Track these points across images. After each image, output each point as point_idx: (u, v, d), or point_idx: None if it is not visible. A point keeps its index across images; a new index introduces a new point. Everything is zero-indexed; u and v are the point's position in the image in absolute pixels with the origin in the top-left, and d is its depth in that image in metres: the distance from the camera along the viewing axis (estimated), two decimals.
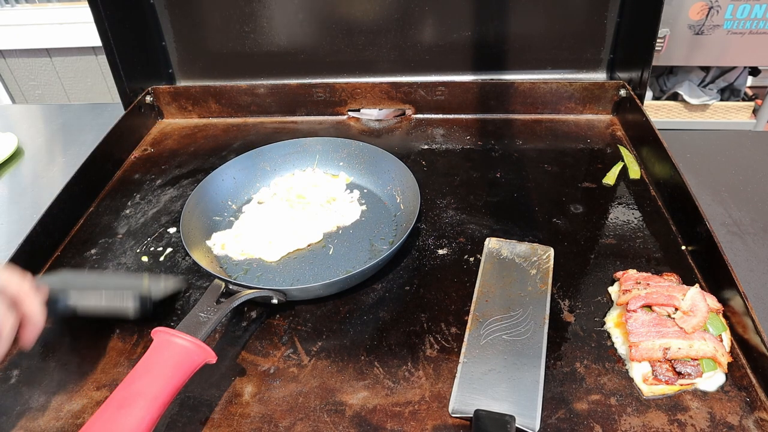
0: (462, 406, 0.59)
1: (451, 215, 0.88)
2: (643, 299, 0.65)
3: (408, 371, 0.64)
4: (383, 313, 0.72)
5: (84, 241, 0.87)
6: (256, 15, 1.13)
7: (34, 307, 0.58)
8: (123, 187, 0.99)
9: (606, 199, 0.90)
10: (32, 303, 0.58)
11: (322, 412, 0.60)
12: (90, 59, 2.36)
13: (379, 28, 1.14)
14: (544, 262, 0.76)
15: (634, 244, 0.80)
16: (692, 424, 0.57)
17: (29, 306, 0.58)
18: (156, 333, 0.58)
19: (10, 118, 1.31)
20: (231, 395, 0.62)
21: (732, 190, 0.93)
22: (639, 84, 1.06)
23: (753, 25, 1.80)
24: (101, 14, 1.04)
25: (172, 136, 1.14)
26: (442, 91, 1.13)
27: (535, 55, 1.16)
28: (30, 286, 0.59)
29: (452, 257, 0.80)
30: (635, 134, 1.03)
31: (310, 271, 0.78)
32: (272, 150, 0.96)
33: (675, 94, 2.12)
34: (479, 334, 0.66)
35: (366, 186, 0.94)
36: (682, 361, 0.60)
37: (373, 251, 0.81)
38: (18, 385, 0.65)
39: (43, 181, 1.07)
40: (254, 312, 0.73)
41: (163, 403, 0.53)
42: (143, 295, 0.68)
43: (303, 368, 0.65)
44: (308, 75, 1.20)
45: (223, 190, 0.90)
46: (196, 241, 0.80)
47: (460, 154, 1.03)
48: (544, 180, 0.95)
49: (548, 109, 1.13)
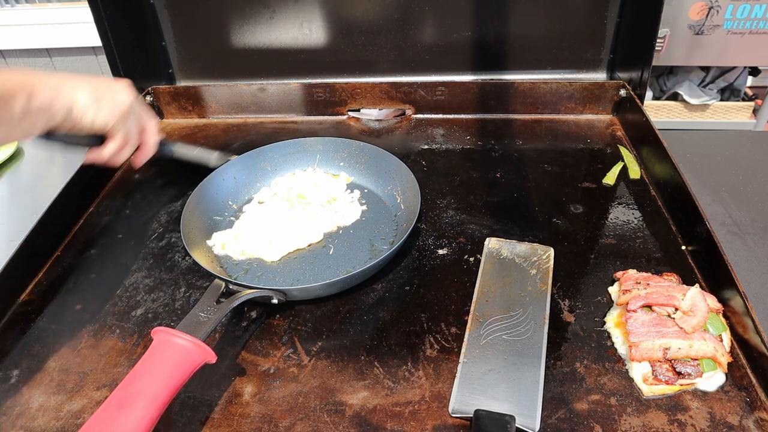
0: (462, 406, 0.59)
1: (451, 215, 0.88)
2: (643, 299, 0.65)
3: (408, 371, 0.64)
4: (383, 313, 0.72)
5: (84, 241, 0.87)
6: (256, 15, 1.13)
7: (153, 137, 0.81)
8: (123, 187, 0.99)
9: (606, 199, 0.90)
10: (153, 134, 0.81)
11: (322, 412, 0.60)
12: (90, 59, 2.36)
13: (379, 28, 1.14)
14: (544, 262, 0.76)
15: (634, 244, 0.80)
16: (692, 424, 0.57)
17: (150, 135, 0.80)
18: (156, 333, 0.58)
19: None
20: (231, 395, 0.62)
21: (732, 190, 0.93)
22: (639, 84, 1.06)
23: (753, 25, 1.80)
24: (101, 14, 1.04)
25: (172, 136, 1.14)
26: (442, 91, 1.13)
27: (535, 55, 1.16)
28: (156, 123, 0.81)
29: (452, 257, 0.80)
30: (635, 134, 1.03)
31: (311, 271, 0.78)
32: (273, 150, 0.96)
33: (675, 94, 2.12)
34: (479, 334, 0.66)
35: (366, 186, 0.94)
36: (682, 361, 0.60)
37: (373, 251, 0.81)
38: (18, 385, 0.65)
39: (43, 181, 1.07)
40: (254, 312, 0.73)
41: (163, 403, 0.53)
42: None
43: (303, 368, 0.65)
44: (308, 75, 1.20)
45: (223, 190, 0.90)
46: (196, 241, 0.80)
47: (460, 154, 1.03)
48: (544, 180, 0.95)
49: (548, 109, 1.13)
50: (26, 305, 0.76)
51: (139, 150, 0.82)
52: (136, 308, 0.74)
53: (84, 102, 0.67)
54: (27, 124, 0.61)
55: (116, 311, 0.74)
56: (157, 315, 0.73)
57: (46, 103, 0.62)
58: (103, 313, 0.74)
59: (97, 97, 0.68)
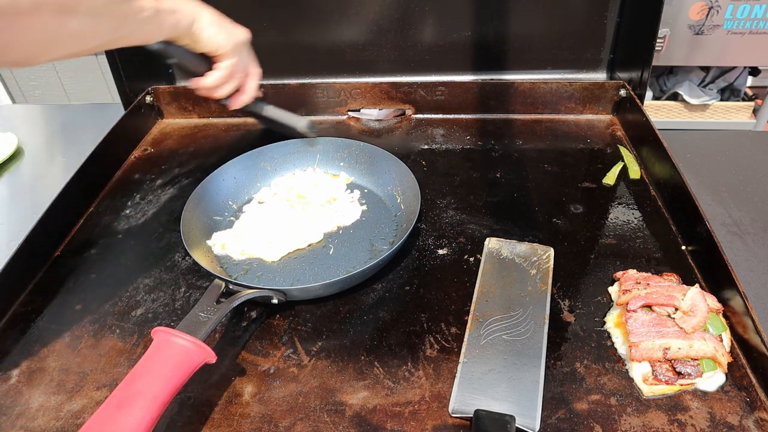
0: (462, 406, 0.59)
1: (451, 215, 0.88)
2: (643, 299, 0.65)
3: (408, 371, 0.64)
4: (383, 313, 0.72)
5: (84, 241, 0.87)
6: (256, 15, 1.13)
7: (254, 83, 0.85)
8: (123, 187, 0.99)
9: (606, 199, 0.90)
10: (255, 81, 0.85)
11: (322, 412, 0.60)
12: (90, 59, 2.36)
13: (379, 28, 1.14)
14: (544, 262, 0.76)
15: (634, 244, 0.80)
16: (692, 424, 0.57)
17: (252, 81, 0.85)
18: (156, 333, 0.58)
19: (10, 118, 1.31)
20: (231, 395, 0.62)
21: (732, 190, 0.93)
22: (639, 84, 1.06)
23: (753, 25, 1.80)
24: None
25: (172, 136, 1.15)
26: (442, 91, 1.13)
27: (535, 55, 1.16)
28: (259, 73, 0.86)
29: (452, 257, 0.80)
30: (635, 134, 1.03)
31: (311, 271, 0.78)
32: (272, 150, 0.96)
33: (675, 94, 2.12)
34: (479, 334, 0.66)
35: (366, 186, 0.94)
36: (682, 361, 0.60)
37: (373, 251, 0.81)
38: (18, 385, 0.65)
39: (43, 181, 1.07)
40: (254, 312, 0.73)
41: (163, 402, 0.53)
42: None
43: (303, 368, 0.65)
44: (308, 75, 1.20)
45: (223, 190, 0.90)
46: (196, 241, 0.80)
47: (460, 154, 1.03)
48: (544, 180, 0.95)
49: (548, 109, 1.13)
50: (26, 305, 0.76)
51: (238, 93, 0.85)
52: (136, 308, 0.74)
53: (206, 20, 0.73)
54: (155, 23, 0.64)
55: (116, 311, 0.74)
56: (157, 315, 0.73)
57: (174, 6, 0.67)
58: (103, 313, 0.74)
59: (218, 21, 0.75)
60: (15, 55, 0.51)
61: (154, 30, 0.66)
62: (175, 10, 0.67)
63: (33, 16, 0.48)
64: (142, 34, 0.65)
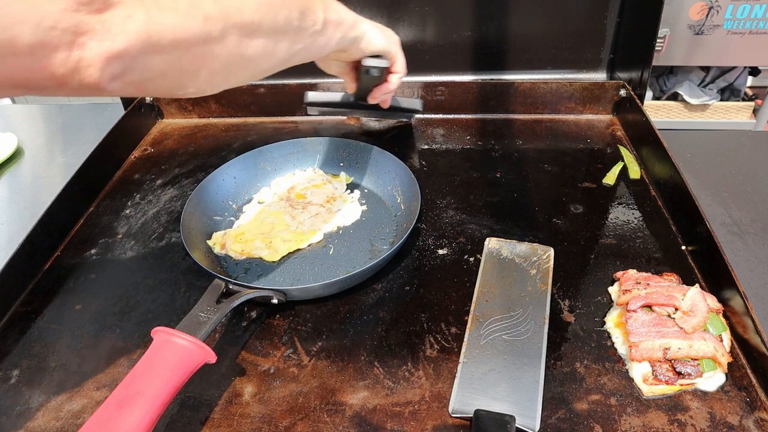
0: (462, 406, 0.59)
1: (451, 215, 0.88)
2: (643, 299, 0.65)
3: (408, 371, 0.64)
4: (383, 313, 0.72)
5: (84, 241, 0.87)
6: None
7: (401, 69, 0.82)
8: (123, 187, 0.99)
9: (606, 199, 0.90)
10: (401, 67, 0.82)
11: (322, 412, 0.60)
12: None
13: None
14: (544, 262, 0.76)
15: (634, 244, 0.80)
16: (692, 424, 0.57)
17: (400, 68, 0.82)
18: (156, 332, 0.58)
19: (10, 118, 1.31)
20: (231, 395, 0.62)
21: (732, 190, 0.93)
22: (639, 84, 1.06)
23: (753, 25, 1.80)
24: None
25: (172, 136, 1.14)
26: (442, 91, 1.13)
27: (535, 55, 1.16)
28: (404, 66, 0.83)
29: (452, 257, 0.80)
30: (635, 134, 1.03)
31: (310, 271, 0.78)
32: (272, 150, 0.96)
33: (675, 94, 2.12)
34: (479, 334, 0.66)
35: (366, 186, 0.94)
36: (682, 361, 0.60)
37: (373, 251, 0.81)
38: (18, 385, 0.65)
39: (43, 181, 1.07)
40: (254, 312, 0.73)
41: (163, 402, 0.53)
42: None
43: (303, 368, 0.65)
44: (308, 75, 1.20)
45: (223, 190, 0.90)
46: (196, 241, 0.80)
47: (460, 154, 1.03)
48: (544, 180, 0.95)
49: (548, 109, 1.13)
50: (26, 305, 0.76)
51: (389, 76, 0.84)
52: (136, 308, 0.74)
53: (367, 25, 0.71)
54: (324, 36, 0.62)
55: (116, 311, 0.74)
56: (157, 315, 0.73)
57: (339, 18, 0.64)
58: (103, 313, 0.74)
59: (374, 24, 0.74)
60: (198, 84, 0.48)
61: (323, 44, 0.63)
62: (341, 20, 0.65)
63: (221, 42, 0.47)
64: (312, 50, 0.62)
